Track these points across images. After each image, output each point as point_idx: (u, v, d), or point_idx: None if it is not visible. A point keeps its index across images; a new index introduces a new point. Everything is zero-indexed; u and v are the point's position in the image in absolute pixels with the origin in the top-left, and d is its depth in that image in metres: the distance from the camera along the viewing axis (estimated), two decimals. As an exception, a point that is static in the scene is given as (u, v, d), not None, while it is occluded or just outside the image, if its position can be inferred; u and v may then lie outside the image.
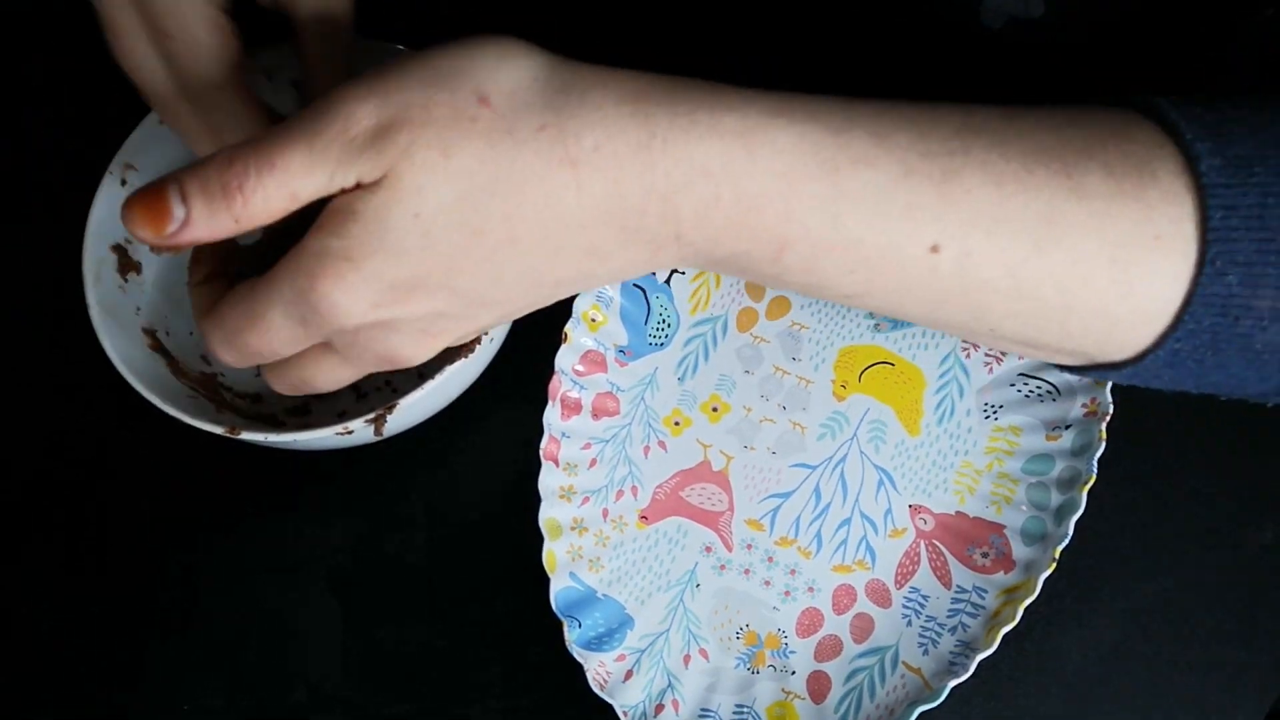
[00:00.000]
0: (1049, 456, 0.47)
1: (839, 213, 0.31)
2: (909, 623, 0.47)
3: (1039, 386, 0.47)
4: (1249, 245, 0.30)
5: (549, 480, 0.47)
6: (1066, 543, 0.44)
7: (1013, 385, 0.48)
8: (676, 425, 0.50)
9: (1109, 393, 0.45)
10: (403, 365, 0.35)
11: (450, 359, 0.43)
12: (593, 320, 0.49)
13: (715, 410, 0.50)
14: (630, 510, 0.49)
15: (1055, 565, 0.44)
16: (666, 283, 0.50)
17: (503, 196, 0.30)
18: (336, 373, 0.36)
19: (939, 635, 0.46)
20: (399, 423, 0.45)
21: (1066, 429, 0.46)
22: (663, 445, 0.49)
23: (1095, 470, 0.45)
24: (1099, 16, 0.42)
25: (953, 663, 0.45)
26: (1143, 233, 0.31)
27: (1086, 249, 0.31)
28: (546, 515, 0.47)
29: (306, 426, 0.49)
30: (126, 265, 0.48)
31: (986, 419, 0.48)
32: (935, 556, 0.47)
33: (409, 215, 0.30)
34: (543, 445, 0.47)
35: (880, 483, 0.48)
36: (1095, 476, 0.45)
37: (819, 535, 0.48)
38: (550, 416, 0.47)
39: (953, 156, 0.31)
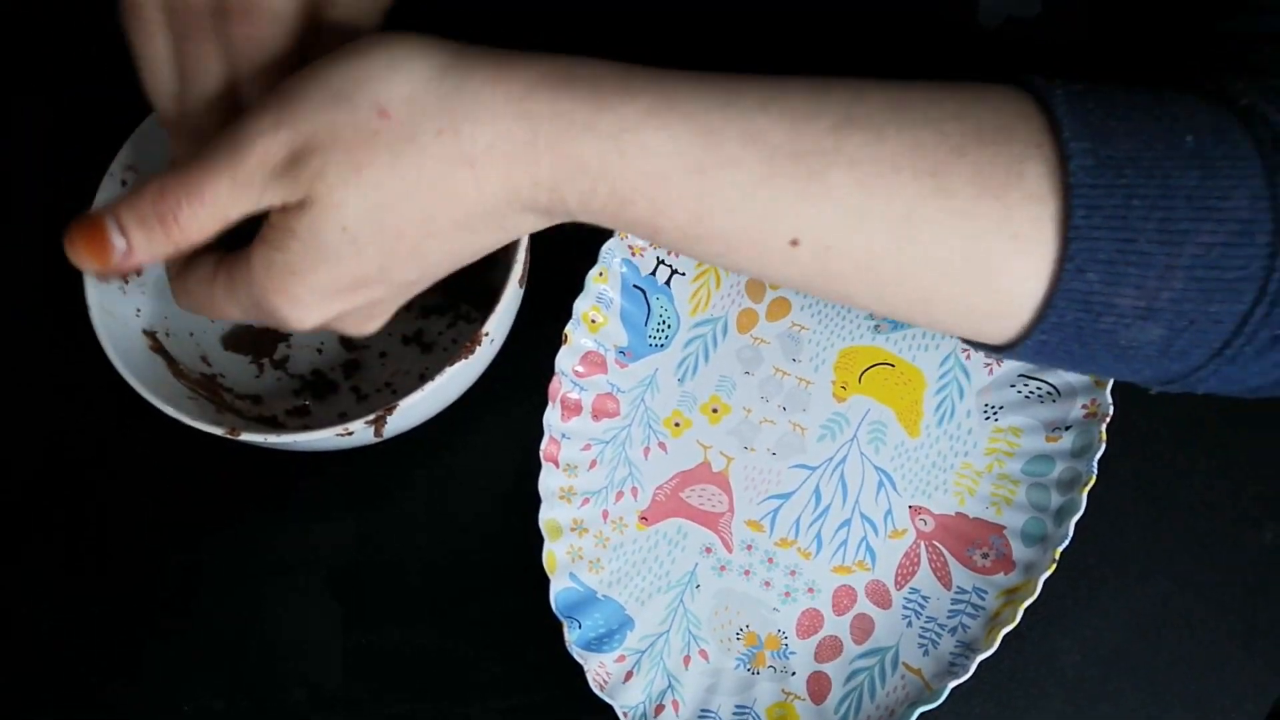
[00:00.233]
0: (1049, 458, 0.47)
1: (703, 210, 0.33)
2: (909, 624, 0.47)
3: (1039, 388, 0.47)
4: (1110, 245, 0.31)
5: (549, 481, 0.47)
6: (1067, 544, 0.44)
7: (1013, 386, 0.48)
8: (676, 426, 0.50)
9: (1109, 394, 0.45)
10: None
11: (450, 360, 0.43)
12: (593, 321, 0.49)
13: (715, 411, 0.50)
14: (630, 511, 0.49)
15: (1055, 566, 0.44)
16: (667, 284, 0.50)
17: (414, 199, 0.33)
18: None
19: (939, 636, 0.46)
20: (399, 424, 0.45)
21: (1066, 430, 0.46)
22: (663, 446, 0.49)
23: (1095, 471, 0.45)
24: (1095, 15, 0.42)
25: (953, 664, 0.45)
26: (1000, 232, 0.32)
27: (943, 246, 0.33)
28: (546, 516, 0.47)
29: (307, 428, 0.50)
30: (126, 266, 0.48)
31: (986, 420, 0.48)
32: (935, 557, 0.47)
33: (337, 229, 0.33)
34: (543, 446, 0.47)
35: (880, 484, 0.48)
36: (1095, 477, 0.45)
37: (819, 536, 0.48)
38: (550, 418, 0.47)
39: (823, 155, 0.33)
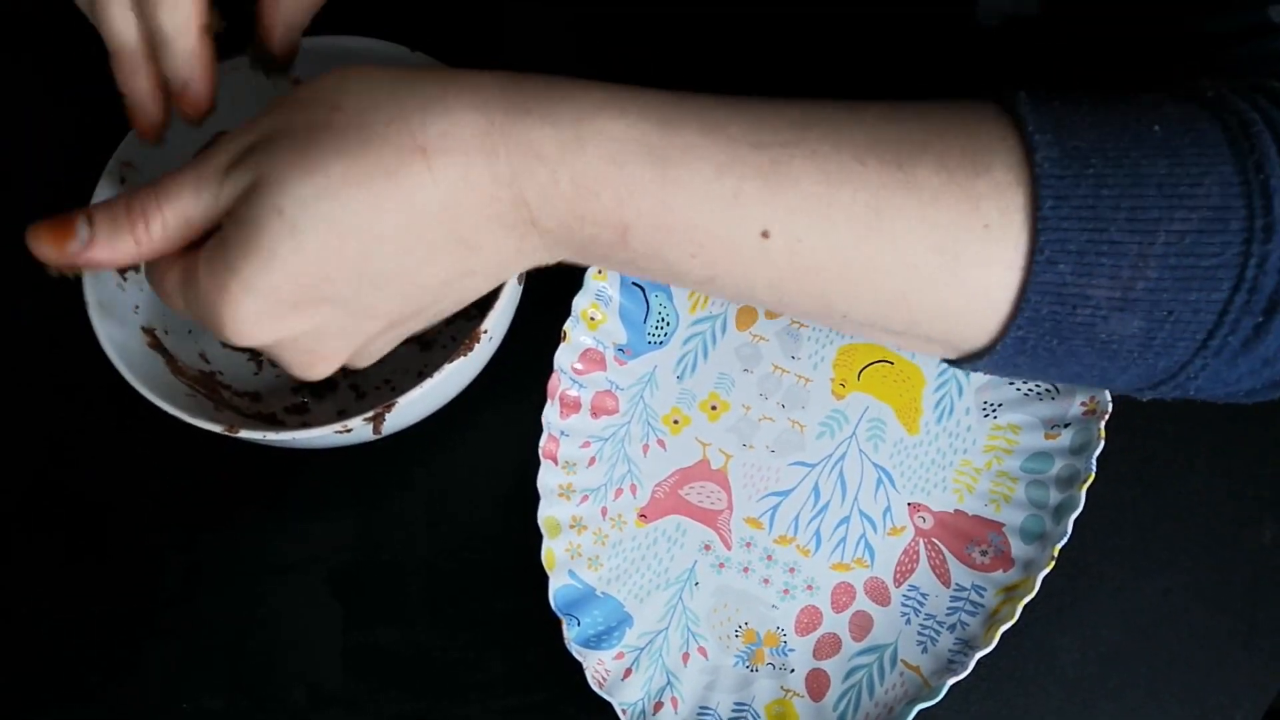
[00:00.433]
0: (1048, 455, 0.47)
1: (668, 197, 0.33)
2: (908, 621, 0.47)
3: (1038, 385, 0.47)
4: (1080, 235, 0.31)
5: (548, 478, 0.47)
6: (1065, 541, 0.44)
7: (1011, 383, 0.48)
8: (675, 424, 0.50)
9: (1107, 392, 0.45)
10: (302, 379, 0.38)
11: (449, 358, 0.43)
12: (592, 319, 0.49)
13: (714, 409, 0.50)
14: (629, 508, 0.49)
15: (1054, 563, 0.44)
16: (665, 281, 0.50)
17: (361, 187, 0.32)
18: None
19: (938, 633, 0.46)
20: (398, 421, 0.45)
21: (1065, 427, 0.46)
22: (662, 444, 0.49)
23: (1094, 469, 0.45)
24: (1095, 15, 0.42)
25: (951, 661, 0.45)
26: (970, 223, 0.32)
27: (913, 237, 0.32)
28: (545, 513, 0.47)
29: (305, 425, 0.49)
30: (125, 264, 0.48)
31: (985, 417, 0.48)
32: (934, 554, 0.47)
33: (274, 211, 0.32)
34: (542, 443, 0.47)
35: (879, 481, 0.48)
36: (1094, 475, 0.45)
37: (818, 533, 0.48)
38: (549, 415, 0.47)
39: (785, 147, 0.32)
